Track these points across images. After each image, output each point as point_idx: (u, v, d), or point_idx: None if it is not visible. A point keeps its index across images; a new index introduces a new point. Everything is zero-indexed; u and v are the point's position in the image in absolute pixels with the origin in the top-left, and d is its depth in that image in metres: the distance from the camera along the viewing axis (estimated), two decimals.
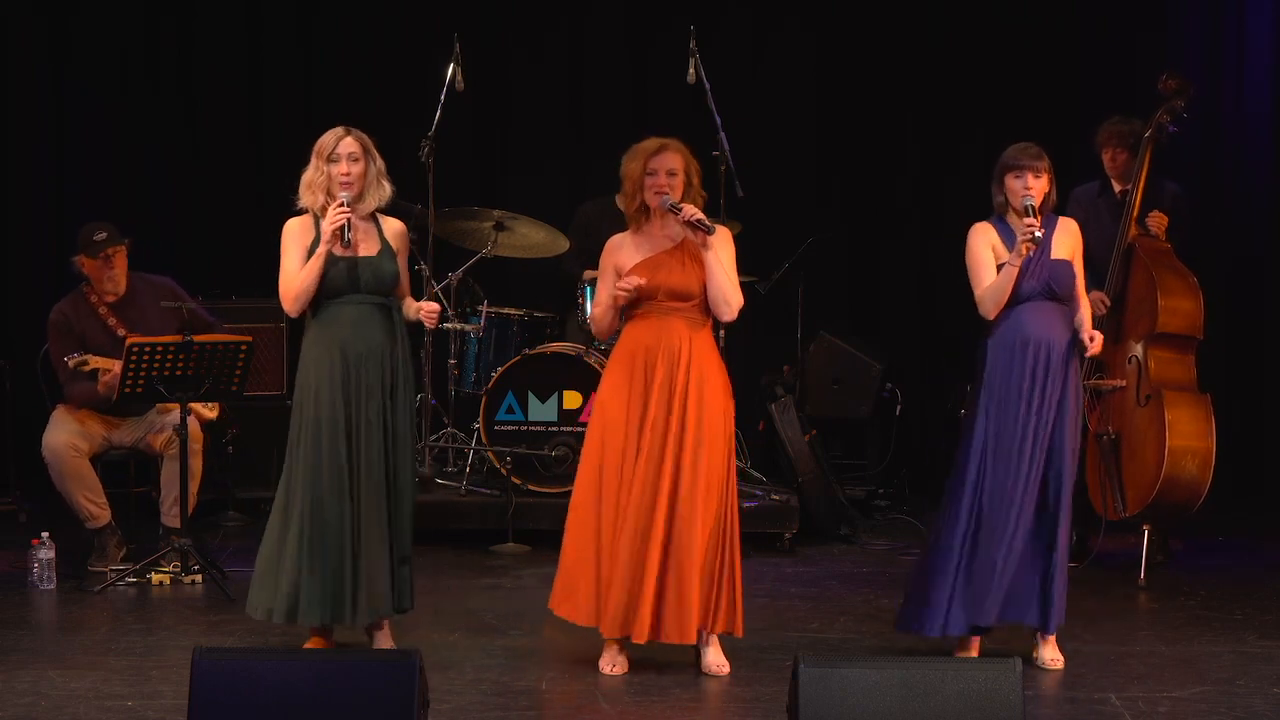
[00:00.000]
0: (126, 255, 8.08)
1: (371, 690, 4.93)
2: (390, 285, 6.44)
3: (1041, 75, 10.09)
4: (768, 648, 6.69)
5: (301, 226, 6.44)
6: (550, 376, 8.72)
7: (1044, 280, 6.38)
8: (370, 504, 6.32)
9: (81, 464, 7.95)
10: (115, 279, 8.04)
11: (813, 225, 9.83)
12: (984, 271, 6.42)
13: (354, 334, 6.36)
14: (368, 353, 6.36)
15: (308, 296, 6.37)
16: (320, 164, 6.40)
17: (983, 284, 6.41)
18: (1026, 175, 6.38)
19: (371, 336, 6.38)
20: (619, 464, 6.29)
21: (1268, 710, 5.96)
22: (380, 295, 6.42)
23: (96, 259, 7.99)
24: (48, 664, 6.44)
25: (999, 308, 6.38)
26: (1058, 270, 6.40)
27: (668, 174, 6.33)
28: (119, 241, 8.03)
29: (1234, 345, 9.92)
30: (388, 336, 6.40)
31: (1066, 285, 6.42)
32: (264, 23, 10.35)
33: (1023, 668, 5.03)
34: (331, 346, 6.36)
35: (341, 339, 6.36)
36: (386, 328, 6.41)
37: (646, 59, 10.27)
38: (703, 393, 6.31)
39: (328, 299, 6.39)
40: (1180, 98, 7.97)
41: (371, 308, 6.40)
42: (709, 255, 6.31)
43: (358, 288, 6.38)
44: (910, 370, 10.00)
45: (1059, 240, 6.44)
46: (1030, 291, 6.38)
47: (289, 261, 6.41)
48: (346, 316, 6.39)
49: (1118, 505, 7.88)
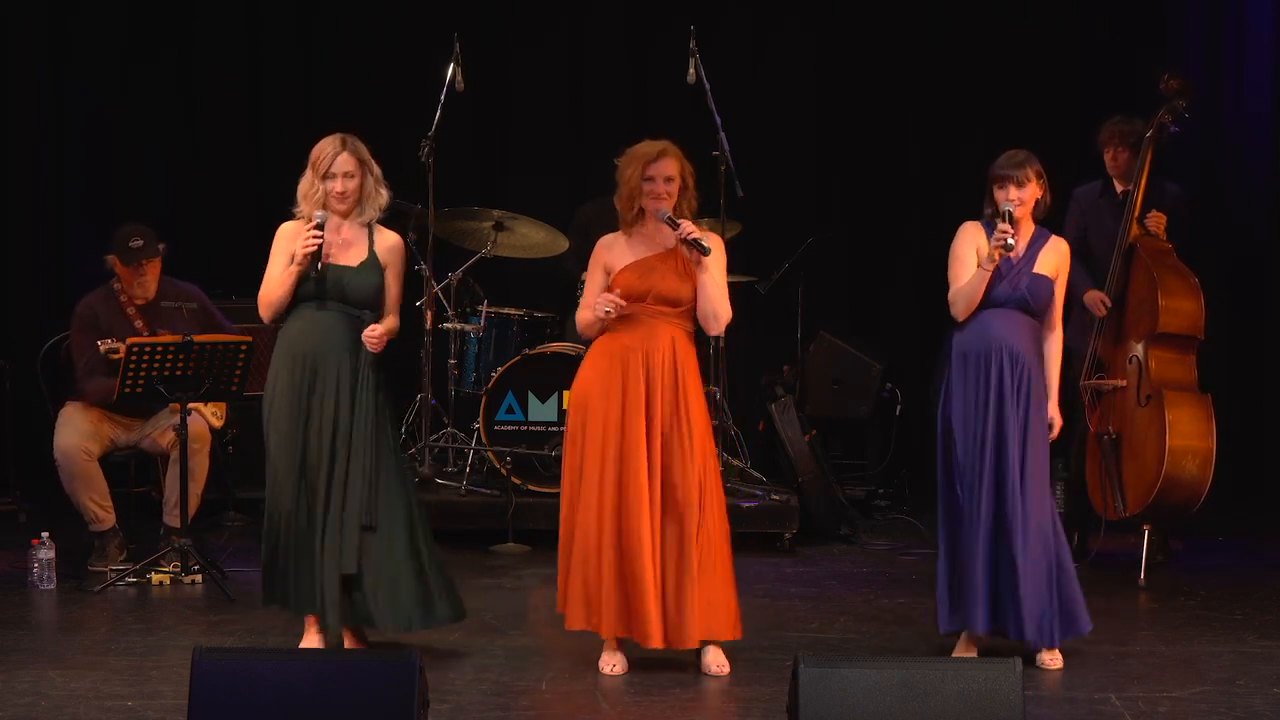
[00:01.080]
0: (160, 264, 8.09)
1: (371, 690, 4.93)
2: (363, 298, 6.39)
3: (1041, 76, 10.09)
4: (768, 648, 6.69)
5: (292, 232, 6.42)
6: (550, 376, 8.72)
7: (1019, 289, 6.38)
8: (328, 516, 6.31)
9: (92, 467, 7.95)
10: (145, 285, 8.06)
11: (813, 225, 9.84)
12: (961, 270, 6.44)
13: (316, 341, 6.35)
14: (326, 359, 6.33)
15: (280, 307, 6.39)
16: (315, 178, 6.39)
17: (958, 281, 6.43)
18: (1009, 187, 6.39)
19: (333, 344, 6.35)
20: (599, 465, 6.28)
21: (1268, 710, 5.96)
22: (351, 306, 6.39)
23: (128, 266, 8.01)
24: (48, 664, 6.44)
25: (969, 310, 6.41)
26: (1036, 283, 6.40)
27: (665, 180, 6.32)
28: (154, 254, 8.04)
29: (1234, 345, 9.92)
30: (349, 347, 6.36)
31: (1042, 300, 6.41)
32: (264, 23, 10.35)
33: (1023, 668, 5.04)
34: (292, 353, 6.37)
35: (304, 344, 6.35)
36: (351, 338, 6.36)
37: (646, 59, 10.27)
38: (689, 397, 6.31)
39: (298, 304, 6.39)
40: (1182, 98, 7.97)
41: (339, 316, 6.38)
42: (702, 274, 6.31)
43: (322, 295, 6.36)
44: (910, 370, 10.00)
45: (1044, 257, 6.43)
46: (1003, 298, 6.38)
47: (273, 267, 6.42)
48: (307, 320, 6.38)
49: (1118, 505, 7.88)
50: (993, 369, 6.37)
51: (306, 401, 6.33)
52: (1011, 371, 6.36)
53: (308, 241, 6.29)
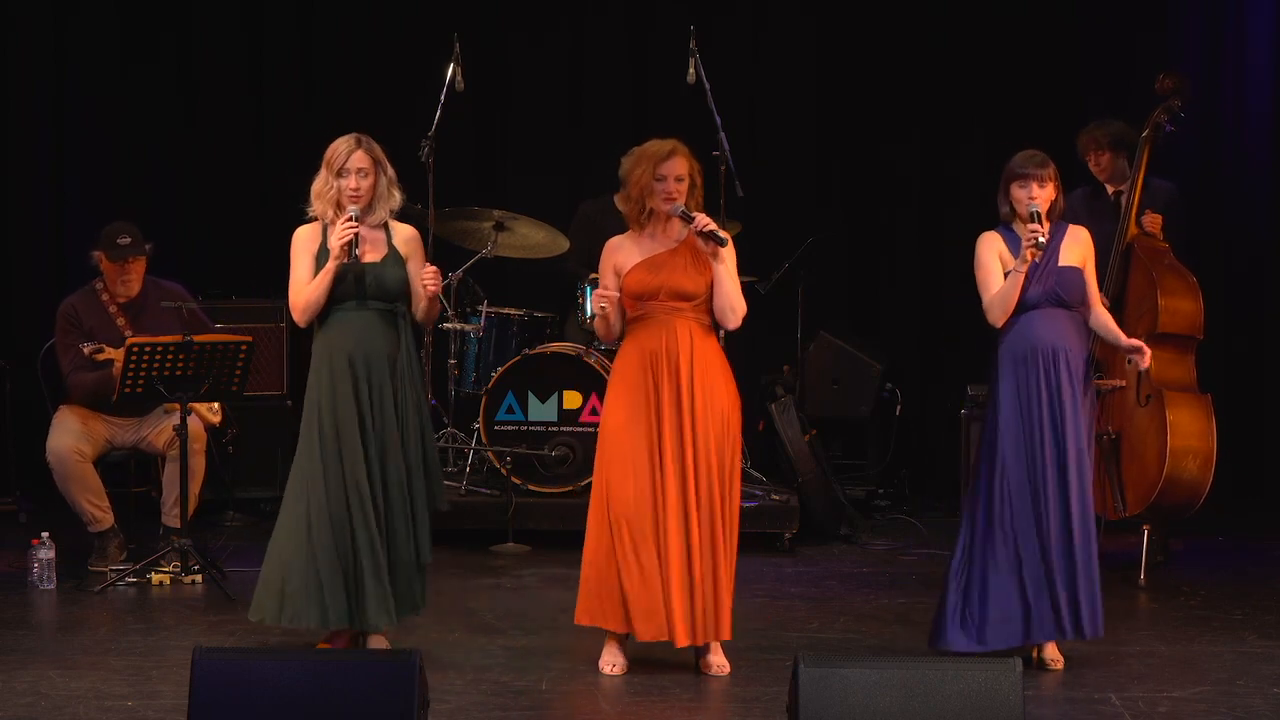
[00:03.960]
0: (145, 262, 8.09)
1: (371, 690, 4.93)
2: (394, 292, 6.43)
3: (1041, 75, 10.08)
4: (768, 648, 6.69)
5: (309, 235, 6.46)
6: (550, 376, 8.72)
7: (1050, 287, 6.38)
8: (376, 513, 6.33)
9: (85, 468, 7.95)
10: (129, 283, 8.05)
11: (813, 225, 9.83)
12: (991, 279, 6.42)
13: (358, 341, 6.38)
14: (373, 359, 6.38)
15: (316, 309, 6.40)
16: (329, 176, 6.41)
17: (990, 291, 6.41)
18: (1031, 184, 6.38)
19: (375, 343, 6.39)
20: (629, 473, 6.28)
21: (1268, 710, 5.96)
22: (385, 302, 6.42)
23: (114, 263, 8.01)
24: (48, 664, 6.44)
25: (1006, 315, 6.39)
26: (1065, 277, 6.40)
27: (676, 180, 6.33)
28: (140, 252, 8.04)
29: (1234, 345, 9.91)
30: (392, 343, 6.41)
31: (1075, 293, 6.42)
32: (264, 23, 10.34)
33: (1023, 668, 5.04)
34: (336, 355, 6.38)
35: (347, 347, 6.38)
36: (390, 335, 6.41)
37: (646, 59, 10.26)
38: (709, 398, 6.31)
39: (333, 306, 6.40)
40: (1177, 97, 7.97)
41: (376, 314, 6.41)
42: (718, 266, 6.32)
43: (361, 295, 6.39)
44: (910, 370, 9.99)
45: (1068, 248, 6.44)
46: (1037, 298, 6.38)
47: (298, 271, 6.44)
48: (351, 324, 6.40)
49: (1118, 505, 7.88)
50: (1041, 368, 6.35)
51: (358, 402, 6.35)
52: (1060, 370, 6.34)
53: (343, 232, 6.31)
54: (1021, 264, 6.33)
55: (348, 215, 6.35)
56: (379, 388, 6.37)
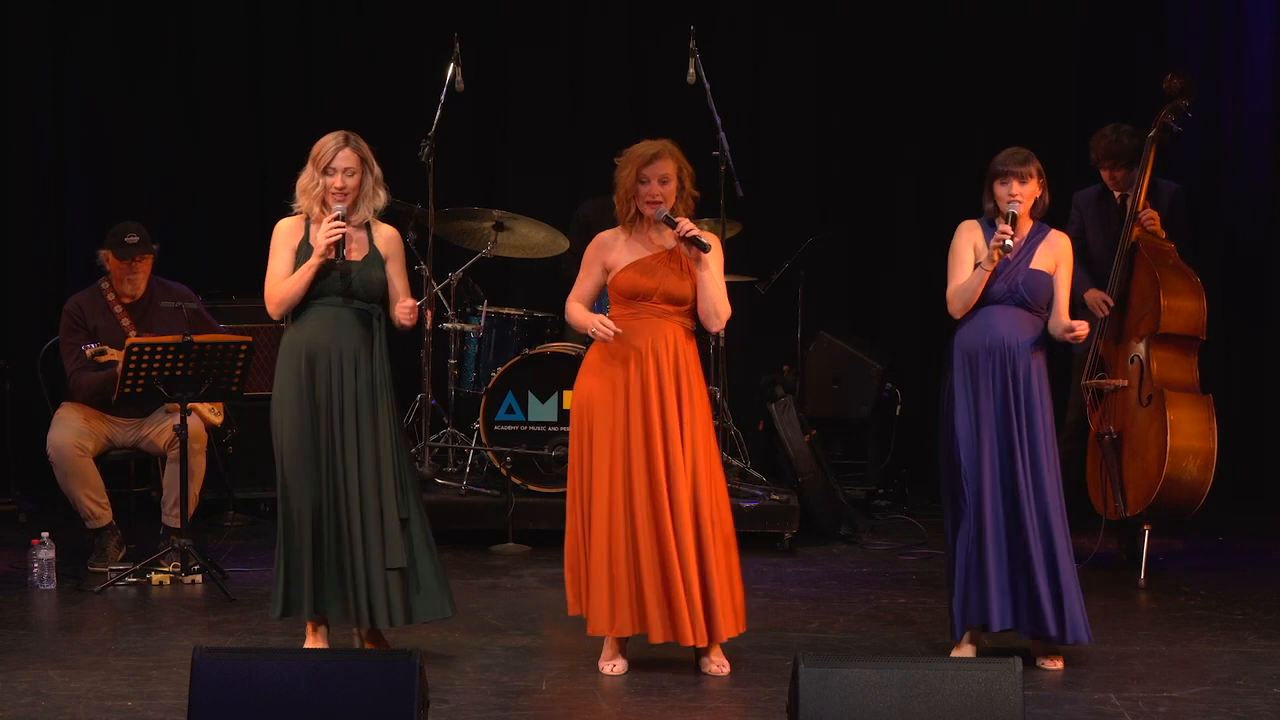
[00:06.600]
0: (152, 261, 8.09)
1: (371, 690, 4.94)
2: (374, 292, 6.41)
3: (1041, 76, 10.08)
4: (768, 648, 6.69)
5: (291, 228, 6.44)
6: (550, 376, 8.72)
7: (1015, 285, 6.38)
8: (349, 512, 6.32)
9: (86, 463, 7.95)
10: (135, 283, 8.06)
11: (813, 225, 9.83)
12: (960, 268, 6.46)
13: (331, 337, 6.36)
14: (340, 357, 6.34)
15: (294, 303, 6.39)
16: (315, 172, 6.39)
17: (956, 280, 6.44)
18: (1012, 182, 6.39)
19: (345, 341, 6.36)
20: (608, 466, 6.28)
21: (1268, 710, 5.96)
22: (362, 301, 6.40)
23: (122, 260, 8.01)
24: (48, 664, 6.44)
25: (966, 308, 6.43)
26: (1033, 279, 6.40)
27: (660, 182, 6.31)
28: (148, 250, 8.04)
29: (1234, 345, 9.91)
30: (363, 342, 6.38)
31: (1040, 296, 6.41)
32: (264, 23, 10.34)
33: (1023, 668, 5.04)
34: (301, 352, 6.37)
35: (316, 343, 6.36)
36: (363, 334, 6.38)
37: (646, 59, 10.26)
38: (693, 393, 6.33)
39: (312, 301, 6.39)
40: (1185, 96, 7.96)
41: (351, 312, 6.39)
42: (701, 271, 6.32)
43: (341, 291, 6.37)
44: (910, 370, 9.99)
45: (1043, 252, 6.44)
46: (1000, 294, 6.40)
47: (276, 263, 6.41)
48: (323, 320, 6.38)
49: (1118, 505, 7.88)
50: (994, 365, 6.37)
51: (327, 401, 6.33)
52: (1013, 367, 6.36)
53: (331, 232, 6.29)
54: (988, 262, 6.35)
55: (334, 214, 6.33)
56: (342, 388, 6.33)
